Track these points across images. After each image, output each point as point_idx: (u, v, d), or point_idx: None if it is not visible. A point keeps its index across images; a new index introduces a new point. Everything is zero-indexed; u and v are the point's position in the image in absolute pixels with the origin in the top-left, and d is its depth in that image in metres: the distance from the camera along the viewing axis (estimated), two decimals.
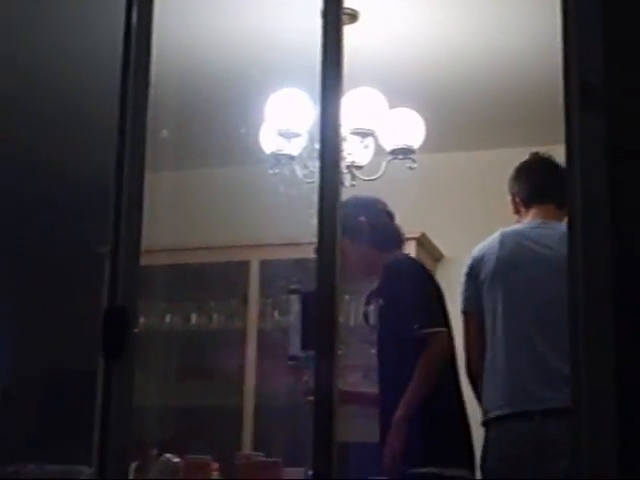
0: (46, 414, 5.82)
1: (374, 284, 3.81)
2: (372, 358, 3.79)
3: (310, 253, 2.40)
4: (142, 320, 5.64)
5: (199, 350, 5.79)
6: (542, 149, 3.76)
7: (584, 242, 2.05)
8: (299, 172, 4.13)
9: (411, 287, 3.60)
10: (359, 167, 4.18)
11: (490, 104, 4.92)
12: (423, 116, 4.28)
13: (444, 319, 3.61)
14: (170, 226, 4.81)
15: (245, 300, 5.62)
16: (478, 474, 3.49)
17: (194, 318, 5.77)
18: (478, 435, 3.53)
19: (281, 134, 4.12)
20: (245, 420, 5.41)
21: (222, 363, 5.67)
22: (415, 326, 3.49)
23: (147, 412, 5.29)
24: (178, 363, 5.76)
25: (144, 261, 2.44)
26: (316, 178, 2.41)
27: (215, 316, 5.75)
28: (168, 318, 5.76)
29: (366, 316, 3.86)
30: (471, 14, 4.37)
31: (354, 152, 4.13)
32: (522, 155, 4.99)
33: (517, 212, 3.72)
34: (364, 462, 4.17)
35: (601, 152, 2.10)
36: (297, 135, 4.09)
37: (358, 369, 5.40)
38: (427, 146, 4.28)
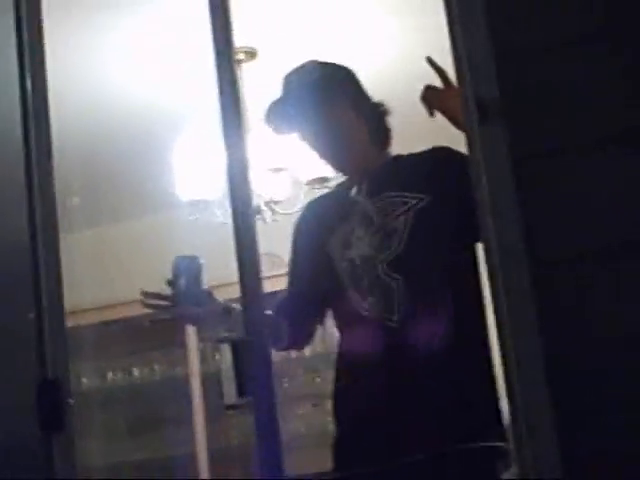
0: None
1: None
2: (319, 386, 3.67)
3: (237, 294, 2.34)
4: (84, 381, 5.59)
5: (146, 402, 5.74)
6: None
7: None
8: (219, 214, 4.12)
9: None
10: (278, 202, 4.19)
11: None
12: None
13: None
14: (96, 284, 4.77)
15: (184, 347, 5.59)
16: None
17: (136, 371, 5.72)
18: None
19: (194, 180, 4.11)
20: (200, 467, 5.37)
21: (170, 412, 5.63)
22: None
23: (102, 471, 5.23)
24: (128, 418, 5.71)
25: (77, 321, 2.40)
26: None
27: (157, 366, 5.71)
28: (110, 375, 5.71)
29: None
30: (372, 44, 4.44)
31: (271, 188, 4.14)
32: None
33: None
34: None
35: (505, 161, 2.11)
36: (209, 179, 4.08)
37: (306, 399, 5.39)
38: None
